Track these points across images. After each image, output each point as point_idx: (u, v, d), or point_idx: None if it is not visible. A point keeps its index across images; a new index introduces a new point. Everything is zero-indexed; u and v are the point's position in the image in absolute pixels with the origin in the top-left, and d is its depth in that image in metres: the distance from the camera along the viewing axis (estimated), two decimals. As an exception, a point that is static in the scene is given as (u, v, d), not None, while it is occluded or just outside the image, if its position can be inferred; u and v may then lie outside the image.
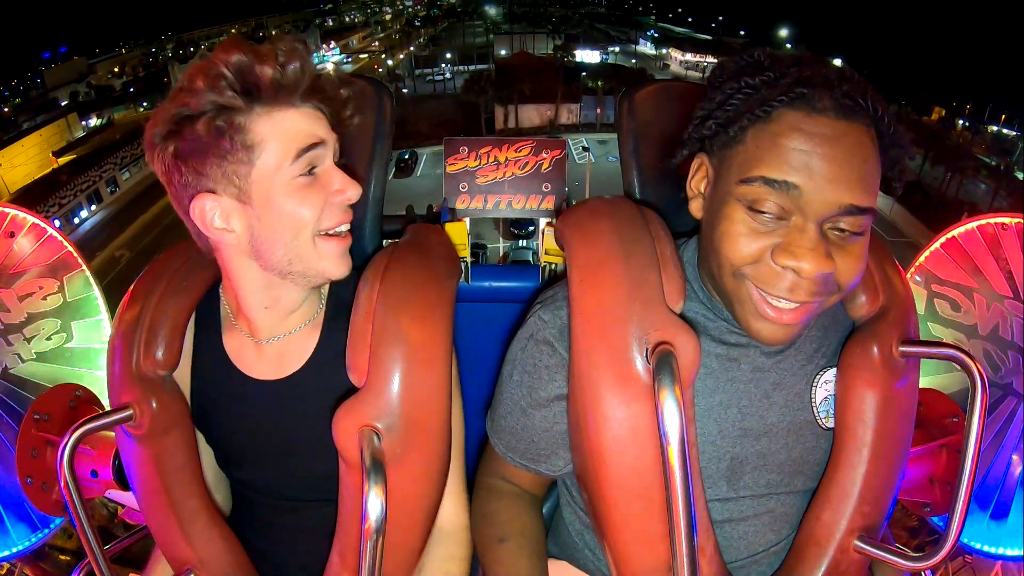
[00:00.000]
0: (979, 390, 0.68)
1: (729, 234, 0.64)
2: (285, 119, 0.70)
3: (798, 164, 0.61)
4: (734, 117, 0.65)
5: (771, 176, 0.61)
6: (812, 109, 0.61)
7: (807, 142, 0.61)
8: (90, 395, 1.08)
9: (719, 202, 0.67)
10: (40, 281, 1.16)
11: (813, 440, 0.75)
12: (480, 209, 1.08)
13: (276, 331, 0.80)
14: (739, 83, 0.65)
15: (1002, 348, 1.12)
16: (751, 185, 0.63)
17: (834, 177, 0.60)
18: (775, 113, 0.63)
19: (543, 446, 0.79)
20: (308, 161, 0.71)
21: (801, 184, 0.60)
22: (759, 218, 0.63)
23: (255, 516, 0.87)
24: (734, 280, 0.66)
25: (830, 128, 0.61)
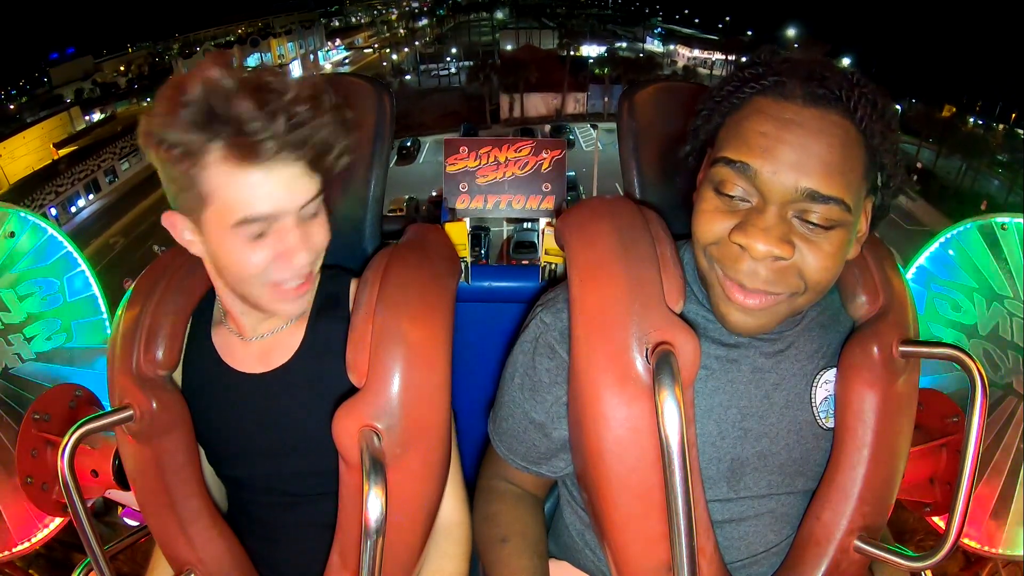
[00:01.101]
0: (979, 390, 0.68)
1: (699, 213, 0.67)
2: (238, 181, 0.65)
3: (757, 146, 0.62)
4: (717, 108, 0.68)
5: (731, 157, 0.63)
6: (781, 96, 0.62)
7: (770, 125, 0.62)
8: (90, 395, 1.08)
9: (698, 187, 0.69)
10: (40, 281, 1.16)
11: (813, 440, 0.75)
12: (480, 209, 1.08)
13: (260, 330, 0.80)
14: (721, 87, 0.68)
15: (1002, 348, 1.12)
16: (716, 167, 0.65)
17: (795, 162, 0.60)
18: (747, 100, 0.65)
19: (544, 449, 0.79)
20: (253, 231, 0.67)
21: (758, 167, 0.61)
22: (725, 200, 0.64)
23: (252, 517, 0.87)
24: (706, 262, 0.68)
25: (796, 114, 0.61)
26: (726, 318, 0.67)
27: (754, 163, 0.62)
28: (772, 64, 0.65)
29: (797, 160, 0.60)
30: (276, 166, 0.66)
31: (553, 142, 1.08)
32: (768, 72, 0.64)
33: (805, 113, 0.61)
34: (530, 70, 28.77)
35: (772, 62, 0.66)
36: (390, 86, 1.02)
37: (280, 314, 0.76)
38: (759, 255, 0.62)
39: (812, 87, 0.61)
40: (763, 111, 0.63)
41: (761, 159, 0.61)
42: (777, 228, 0.61)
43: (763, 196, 0.62)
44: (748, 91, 0.65)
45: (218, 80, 0.63)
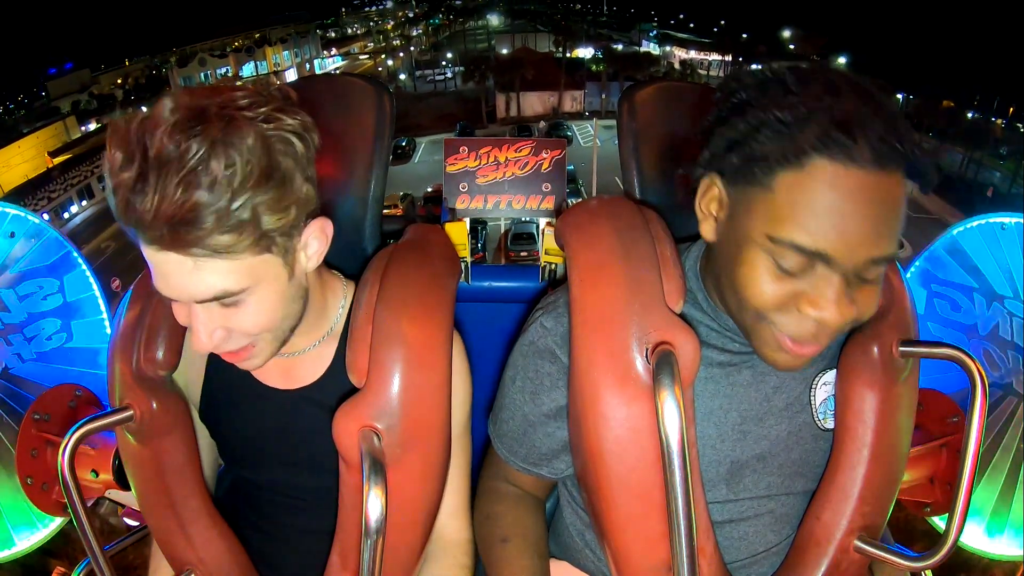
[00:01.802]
0: (979, 390, 0.68)
1: (752, 281, 0.62)
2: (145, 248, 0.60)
3: (831, 227, 0.57)
4: (762, 156, 0.59)
5: (802, 244, 0.58)
6: (849, 160, 0.56)
7: (843, 201, 0.56)
8: (90, 395, 1.08)
9: (740, 242, 0.63)
10: (40, 281, 1.16)
11: (812, 442, 0.75)
12: (480, 209, 1.08)
13: (287, 350, 0.78)
14: (766, 114, 0.59)
15: (1002, 348, 1.12)
16: (779, 246, 0.59)
17: (866, 236, 0.57)
18: (809, 162, 0.57)
19: (545, 451, 0.79)
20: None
21: (833, 251, 0.58)
22: (784, 268, 0.61)
23: (257, 513, 0.87)
24: (755, 319, 0.64)
25: (867, 182, 0.56)
26: (776, 363, 0.66)
27: (828, 249, 0.58)
28: (824, 108, 0.57)
29: (868, 234, 0.57)
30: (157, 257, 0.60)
31: (553, 142, 1.08)
32: (829, 125, 0.56)
33: (874, 179, 0.56)
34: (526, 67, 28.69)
35: (822, 104, 0.57)
36: (389, 86, 1.02)
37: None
38: (833, 324, 0.61)
39: (876, 145, 0.56)
40: (832, 183, 0.56)
41: (835, 243, 0.57)
42: (845, 295, 0.60)
43: (829, 267, 0.59)
44: (811, 152, 0.57)
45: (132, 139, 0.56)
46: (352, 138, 0.97)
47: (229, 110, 0.58)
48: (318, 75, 1.57)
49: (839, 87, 0.58)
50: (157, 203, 0.55)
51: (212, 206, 0.56)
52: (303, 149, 0.63)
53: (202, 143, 0.55)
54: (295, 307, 0.70)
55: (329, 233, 0.70)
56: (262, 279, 0.64)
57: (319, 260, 0.70)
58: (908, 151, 0.57)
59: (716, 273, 0.69)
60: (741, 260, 0.63)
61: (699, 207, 0.68)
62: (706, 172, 0.66)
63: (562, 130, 27.43)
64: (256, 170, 0.58)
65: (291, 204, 0.62)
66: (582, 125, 27.90)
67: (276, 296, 0.67)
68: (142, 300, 0.80)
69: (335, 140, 0.97)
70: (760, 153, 0.59)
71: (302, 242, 0.67)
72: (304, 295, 0.72)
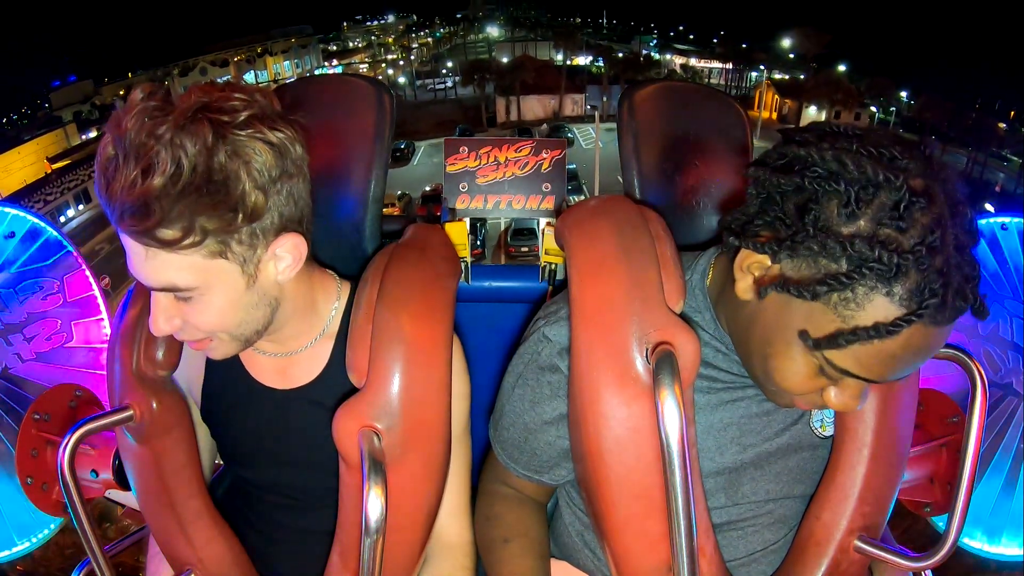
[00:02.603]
0: (979, 390, 0.68)
1: (789, 373, 0.62)
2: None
3: (887, 369, 0.57)
4: (849, 288, 0.54)
5: (857, 374, 0.58)
6: (933, 322, 0.53)
7: (909, 351, 0.55)
8: (90, 395, 1.08)
9: (787, 338, 0.60)
10: (40, 281, 1.16)
11: (811, 450, 0.75)
12: (480, 209, 1.08)
13: (280, 350, 0.80)
14: (872, 251, 0.52)
15: (1002, 348, 1.12)
16: (831, 367, 0.58)
17: (909, 370, 0.58)
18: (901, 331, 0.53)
19: (545, 459, 0.79)
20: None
21: (879, 379, 0.58)
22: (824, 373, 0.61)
23: (257, 513, 0.87)
24: (778, 391, 0.65)
25: (937, 336, 0.55)
26: (779, 404, 0.68)
27: (875, 379, 0.58)
28: (927, 260, 0.52)
29: (915, 367, 0.59)
30: (124, 239, 0.63)
31: (553, 142, 1.08)
32: (926, 292, 0.52)
33: (944, 331, 0.55)
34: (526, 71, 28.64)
35: (924, 253, 0.51)
36: (389, 86, 1.02)
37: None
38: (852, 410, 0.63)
39: (959, 304, 0.53)
40: (910, 340, 0.54)
41: (884, 376, 0.57)
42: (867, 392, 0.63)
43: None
44: (905, 324, 0.53)
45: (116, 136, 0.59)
46: (352, 138, 0.97)
47: (206, 111, 0.60)
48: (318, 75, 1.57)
49: (944, 222, 0.52)
50: (118, 186, 0.58)
51: (157, 198, 0.58)
52: (272, 163, 0.63)
53: (163, 132, 0.58)
54: (256, 314, 0.70)
55: (303, 251, 0.70)
56: (214, 282, 0.65)
57: (291, 275, 0.71)
58: (977, 303, 0.55)
59: (740, 329, 0.67)
60: (782, 353, 0.61)
61: (740, 267, 0.63)
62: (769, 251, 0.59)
63: (563, 132, 27.46)
64: (200, 172, 0.59)
65: (241, 220, 0.62)
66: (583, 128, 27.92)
67: (230, 301, 0.67)
68: (142, 300, 0.80)
69: (335, 140, 0.97)
70: (851, 286, 0.54)
71: (269, 254, 0.68)
72: (272, 303, 0.71)
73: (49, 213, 20.83)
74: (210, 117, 0.60)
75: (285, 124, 0.65)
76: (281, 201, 0.65)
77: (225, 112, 0.61)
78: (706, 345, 0.72)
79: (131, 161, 0.58)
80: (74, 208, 22.49)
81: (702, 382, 0.72)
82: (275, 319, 0.73)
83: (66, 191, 22.27)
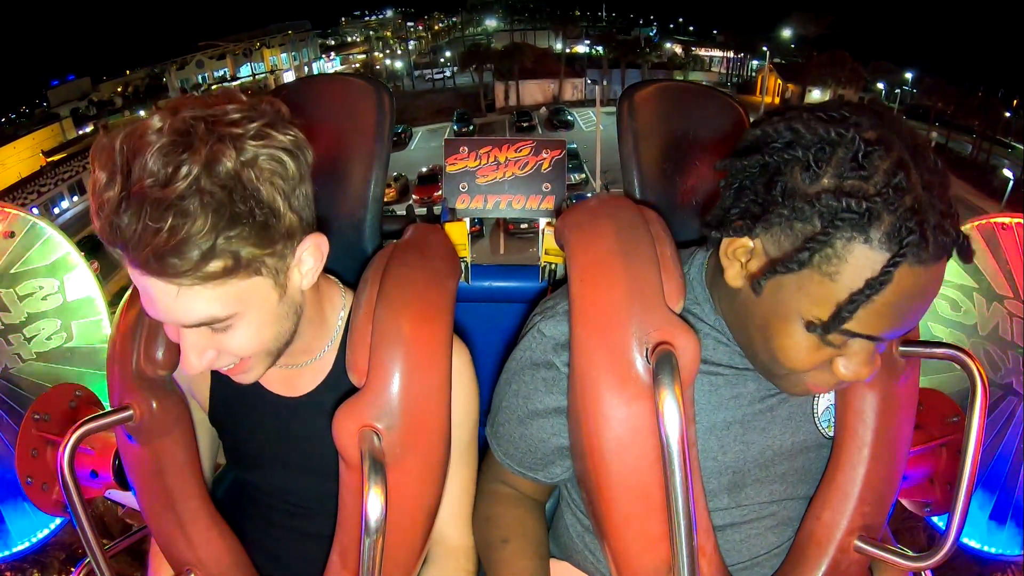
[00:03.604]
0: (979, 390, 0.68)
1: (793, 350, 0.62)
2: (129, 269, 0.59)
3: (887, 320, 0.57)
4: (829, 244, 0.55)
5: (857, 332, 0.58)
6: (917, 261, 0.54)
7: (904, 298, 0.55)
8: (90, 395, 1.08)
9: (783, 314, 0.61)
10: (40, 281, 1.16)
11: (816, 450, 0.75)
12: (480, 209, 1.08)
13: (290, 362, 0.79)
14: (840, 201, 0.53)
15: (1002, 348, 1.12)
16: (831, 333, 0.58)
17: (912, 319, 0.58)
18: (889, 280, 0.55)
19: (540, 456, 0.79)
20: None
21: (881, 335, 0.58)
22: (827, 342, 0.60)
23: (260, 514, 0.88)
24: (785, 374, 0.65)
25: (926, 278, 0.55)
26: (793, 394, 0.68)
27: (879, 334, 0.58)
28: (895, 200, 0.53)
29: (915, 317, 0.59)
30: (143, 281, 0.58)
31: (553, 142, 1.08)
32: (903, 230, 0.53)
33: (932, 271, 0.56)
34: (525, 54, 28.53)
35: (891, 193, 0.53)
36: (389, 86, 1.02)
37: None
38: (863, 379, 0.63)
39: (940, 240, 0.54)
40: (899, 283, 0.54)
41: (886, 331, 0.58)
42: (876, 355, 0.62)
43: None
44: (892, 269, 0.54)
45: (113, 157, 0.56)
46: (352, 138, 0.97)
47: (218, 128, 0.57)
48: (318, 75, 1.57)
49: (907, 163, 0.54)
50: (142, 230, 0.54)
51: (197, 239, 0.55)
52: (293, 168, 0.62)
53: (189, 170, 0.54)
54: (287, 325, 0.69)
55: (324, 250, 0.69)
56: (251, 303, 0.63)
57: (315, 277, 0.69)
58: (961, 239, 0.56)
59: (738, 316, 0.67)
60: (782, 331, 0.62)
61: (725, 254, 0.64)
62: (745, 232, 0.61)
63: (563, 115, 27.48)
64: (241, 204, 0.57)
65: (277, 236, 0.61)
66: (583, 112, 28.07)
67: (266, 318, 0.65)
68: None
69: (335, 140, 0.97)
70: (828, 242, 0.55)
71: (295, 259, 0.66)
72: (297, 311, 0.70)
73: (43, 204, 20.57)
74: (232, 132, 0.57)
75: (293, 127, 0.63)
76: (301, 205, 0.64)
77: (237, 125, 0.58)
78: (706, 336, 0.72)
79: (156, 203, 0.53)
80: (68, 200, 22.19)
81: (703, 379, 0.71)
82: (297, 328, 0.72)
83: (60, 183, 21.98)
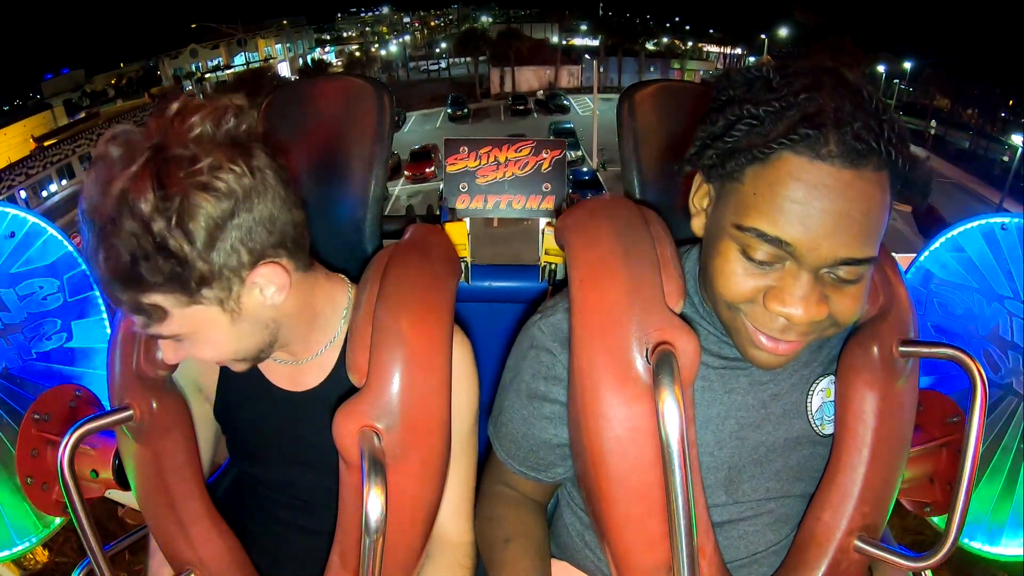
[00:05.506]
0: (979, 390, 0.68)
1: (723, 272, 0.63)
2: None
3: (793, 218, 0.57)
4: (733, 150, 0.60)
5: (764, 230, 0.59)
6: (816, 155, 0.56)
7: (806, 193, 0.56)
8: (90, 395, 1.08)
9: (715, 234, 0.64)
10: (40, 281, 1.16)
11: (810, 447, 0.75)
12: (480, 209, 1.08)
13: (292, 359, 0.81)
14: (742, 110, 0.60)
15: (1002, 348, 1.12)
16: (745, 233, 0.60)
17: (832, 232, 0.57)
18: (775, 156, 0.58)
19: (543, 455, 0.79)
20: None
21: (795, 241, 0.58)
22: (753, 262, 0.61)
23: (262, 509, 0.88)
24: (728, 312, 0.66)
25: (833, 178, 0.56)
26: (755, 360, 0.66)
27: (790, 238, 0.58)
28: (798, 104, 0.57)
29: (835, 230, 0.57)
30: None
31: (553, 142, 1.08)
32: (798, 121, 0.56)
33: (843, 176, 0.56)
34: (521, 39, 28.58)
35: (797, 100, 0.57)
36: (389, 86, 1.02)
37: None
38: (800, 321, 0.61)
39: (849, 141, 0.55)
40: (796, 175, 0.56)
41: (798, 233, 0.57)
42: (814, 293, 0.60)
43: (797, 262, 0.59)
44: (775, 147, 0.57)
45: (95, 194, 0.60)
46: (352, 138, 0.97)
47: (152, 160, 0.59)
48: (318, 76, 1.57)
49: (821, 84, 0.58)
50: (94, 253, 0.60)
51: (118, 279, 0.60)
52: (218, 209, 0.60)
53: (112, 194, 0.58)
54: (255, 339, 0.71)
55: (281, 280, 0.68)
56: (198, 325, 0.66)
57: (280, 299, 0.69)
58: (887, 150, 0.56)
59: (702, 273, 0.70)
60: (715, 252, 0.64)
61: (692, 203, 0.70)
62: (691, 168, 0.68)
63: (559, 99, 27.62)
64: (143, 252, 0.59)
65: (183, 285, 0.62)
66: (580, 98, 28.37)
67: (221, 337, 0.68)
68: None
69: (335, 140, 0.97)
70: (732, 148, 0.60)
71: (247, 286, 0.66)
72: (272, 325, 0.71)
73: (31, 187, 20.29)
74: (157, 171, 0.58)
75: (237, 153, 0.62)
76: (242, 235, 0.63)
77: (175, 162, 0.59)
78: (695, 325, 0.72)
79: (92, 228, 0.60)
80: (57, 183, 21.87)
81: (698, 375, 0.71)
82: (281, 337, 0.74)
83: (49, 165, 21.67)
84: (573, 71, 31.16)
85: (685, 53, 34.63)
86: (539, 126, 24.28)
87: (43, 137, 25.80)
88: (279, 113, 1.03)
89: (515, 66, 29.34)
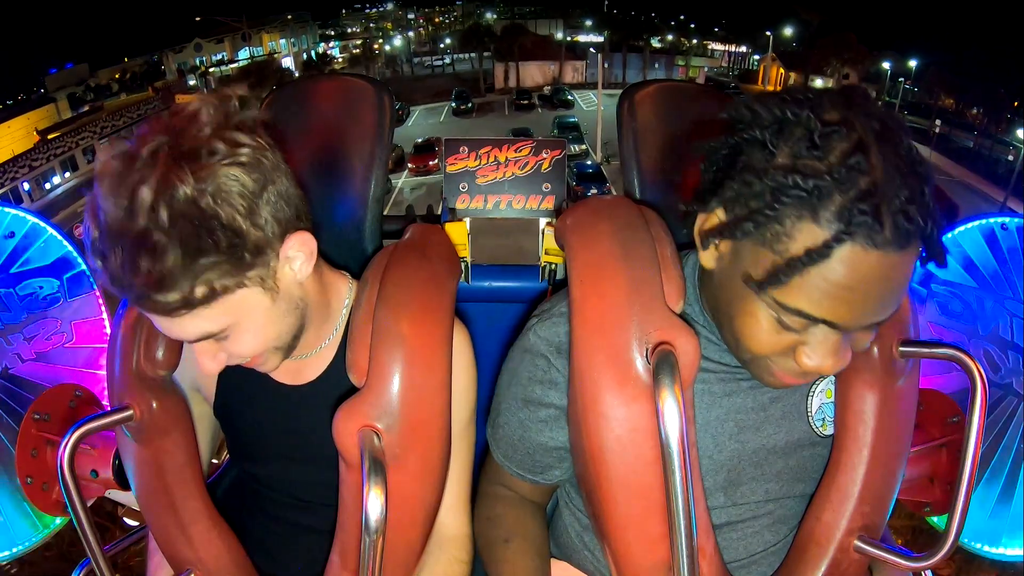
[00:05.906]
0: (979, 390, 0.68)
1: (752, 330, 0.62)
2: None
3: (840, 303, 0.56)
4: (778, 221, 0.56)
5: (810, 313, 0.57)
6: (872, 244, 0.53)
7: (858, 281, 0.55)
8: (90, 395, 1.08)
9: (741, 290, 0.61)
10: (40, 281, 1.16)
11: (810, 449, 0.75)
12: (480, 209, 1.08)
13: (296, 353, 0.80)
14: (786, 177, 0.54)
15: (1002, 348, 1.12)
16: (785, 310, 0.58)
17: (872, 309, 0.57)
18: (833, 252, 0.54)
19: (540, 458, 0.79)
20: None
21: (838, 321, 0.57)
22: (785, 325, 0.60)
23: (262, 508, 0.88)
24: (752, 358, 0.65)
25: (884, 264, 0.54)
26: (768, 385, 0.68)
27: (834, 319, 0.57)
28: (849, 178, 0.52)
29: (875, 307, 0.57)
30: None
31: (553, 142, 1.08)
32: (853, 199, 0.52)
33: (892, 260, 0.54)
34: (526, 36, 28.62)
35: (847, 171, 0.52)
36: (389, 86, 1.02)
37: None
38: (827, 372, 0.62)
39: (901, 224, 0.52)
40: (850, 265, 0.54)
41: (843, 315, 0.57)
42: (842, 347, 0.61)
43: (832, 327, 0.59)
44: (828, 230, 0.53)
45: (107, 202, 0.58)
46: (352, 138, 0.97)
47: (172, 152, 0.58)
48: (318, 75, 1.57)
49: (867, 144, 0.53)
50: (120, 271, 0.58)
51: (172, 280, 0.59)
52: (250, 182, 0.62)
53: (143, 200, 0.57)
54: (290, 320, 0.72)
55: (311, 246, 0.70)
56: (243, 313, 0.66)
57: (309, 269, 0.71)
58: (930, 230, 0.54)
59: (714, 302, 0.69)
60: (742, 310, 0.62)
61: (699, 233, 0.66)
62: (712, 208, 0.64)
63: (563, 94, 27.68)
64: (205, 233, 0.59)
65: (247, 255, 0.63)
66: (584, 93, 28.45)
67: (264, 321, 0.68)
68: None
69: (335, 140, 0.97)
70: (776, 218, 0.56)
71: (280, 260, 0.68)
72: (300, 304, 0.72)
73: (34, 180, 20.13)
74: (178, 156, 0.58)
75: (246, 133, 0.63)
76: (272, 209, 0.64)
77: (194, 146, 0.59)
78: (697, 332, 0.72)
79: (122, 245, 0.57)
80: (60, 175, 21.59)
81: (696, 377, 0.71)
82: (304, 323, 0.74)
83: (52, 157, 21.40)
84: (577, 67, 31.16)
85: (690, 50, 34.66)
86: (543, 121, 24.23)
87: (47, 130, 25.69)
88: (279, 113, 1.03)
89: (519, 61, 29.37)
